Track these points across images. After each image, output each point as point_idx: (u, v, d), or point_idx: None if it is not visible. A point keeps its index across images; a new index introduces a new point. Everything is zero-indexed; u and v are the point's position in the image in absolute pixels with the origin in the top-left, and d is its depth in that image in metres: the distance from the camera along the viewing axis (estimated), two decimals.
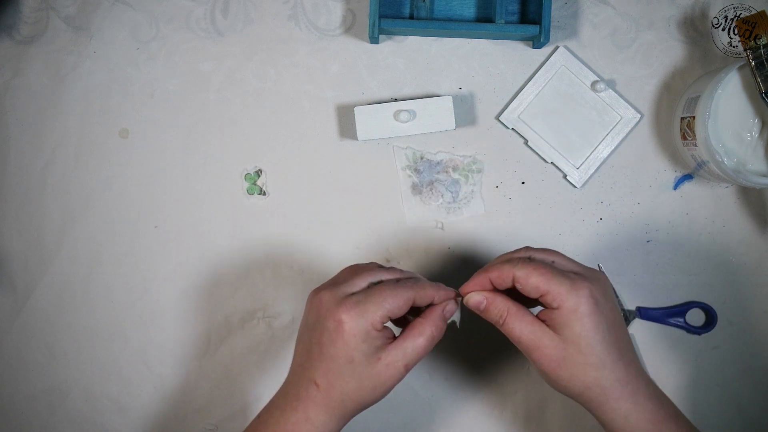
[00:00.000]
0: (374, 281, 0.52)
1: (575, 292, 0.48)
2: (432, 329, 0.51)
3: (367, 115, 0.63)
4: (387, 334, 0.51)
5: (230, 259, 0.66)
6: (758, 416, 0.67)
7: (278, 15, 0.65)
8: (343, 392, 0.50)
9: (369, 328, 0.49)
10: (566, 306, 0.48)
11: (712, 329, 0.66)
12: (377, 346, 0.50)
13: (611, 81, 0.66)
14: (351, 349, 0.49)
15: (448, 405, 0.67)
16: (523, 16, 0.65)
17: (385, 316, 0.50)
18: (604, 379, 0.49)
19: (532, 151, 0.66)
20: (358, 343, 0.49)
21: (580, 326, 0.48)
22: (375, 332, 0.49)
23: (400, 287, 0.51)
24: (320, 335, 0.50)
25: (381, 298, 0.50)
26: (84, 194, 0.66)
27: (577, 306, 0.48)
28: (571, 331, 0.48)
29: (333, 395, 0.50)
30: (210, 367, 0.66)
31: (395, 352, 0.50)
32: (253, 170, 0.66)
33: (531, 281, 0.49)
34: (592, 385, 0.49)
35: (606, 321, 0.49)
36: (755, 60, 0.58)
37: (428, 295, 0.52)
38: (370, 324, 0.49)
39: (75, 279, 0.66)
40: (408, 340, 0.51)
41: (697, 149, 0.61)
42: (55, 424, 0.66)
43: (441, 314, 0.52)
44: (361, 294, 0.50)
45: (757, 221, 0.66)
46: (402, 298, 0.50)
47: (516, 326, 0.50)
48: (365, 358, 0.49)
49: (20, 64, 0.65)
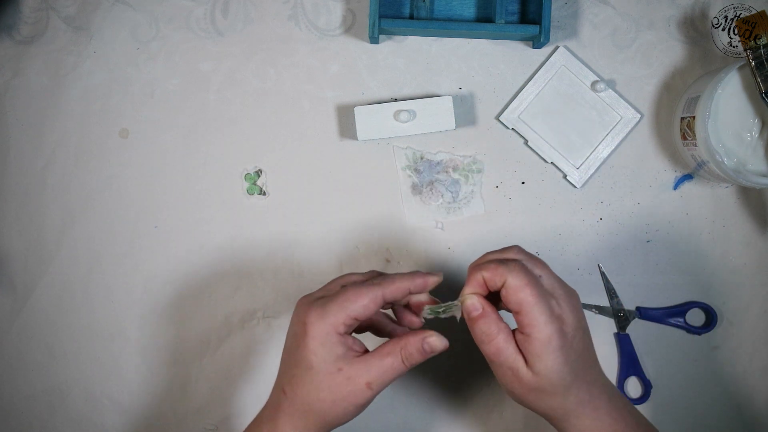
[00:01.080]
0: (346, 284, 0.50)
1: (551, 325, 0.47)
2: (404, 352, 0.48)
3: (367, 115, 0.63)
4: (353, 344, 0.49)
5: (230, 259, 0.66)
6: (758, 416, 0.67)
7: (278, 15, 0.65)
8: (305, 402, 0.48)
9: (330, 330, 0.47)
10: (538, 337, 0.47)
11: (712, 329, 0.66)
12: (338, 354, 0.47)
13: (611, 81, 0.66)
14: (310, 353, 0.47)
15: (448, 405, 0.67)
16: (523, 16, 0.65)
17: (349, 317, 0.48)
18: (568, 402, 0.49)
19: (532, 151, 0.66)
20: (317, 346, 0.47)
21: (552, 359, 0.47)
22: (336, 336, 0.47)
23: (364, 286, 0.48)
24: (290, 340, 0.50)
25: (343, 298, 0.48)
26: (84, 194, 0.66)
27: (549, 339, 0.47)
28: (543, 365, 0.47)
29: (297, 404, 0.49)
30: (210, 367, 0.66)
31: (358, 366, 0.48)
32: (253, 170, 0.66)
33: (519, 296, 0.47)
34: (557, 408, 0.49)
35: (575, 351, 0.48)
36: (755, 60, 0.58)
37: (400, 288, 0.50)
38: (331, 326, 0.47)
39: (75, 279, 0.66)
40: (375, 357, 0.48)
41: (697, 149, 0.61)
42: (55, 424, 0.66)
43: (419, 345, 0.49)
44: (328, 297, 0.49)
45: (757, 221, 0.66)
46: (366, 296, 0.48)
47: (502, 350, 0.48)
48: (324, 365, 0.47)
49: (20, 64, 0.65)
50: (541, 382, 0.48)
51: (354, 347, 0.49)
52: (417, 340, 0.49)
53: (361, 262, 0.66)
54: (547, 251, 0.66)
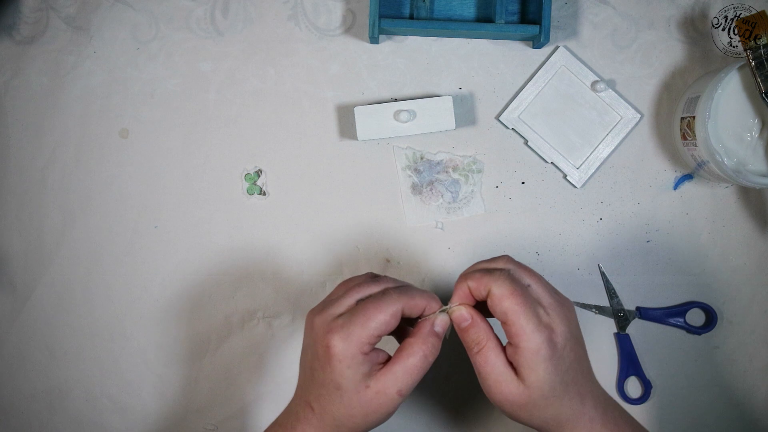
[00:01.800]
0: (362, 297, 0.50)
1: (539, 334, 0.47)
2: (423, 348, 0.49)
3: (367, 115, 0.63)
4: (377, 358, 0.49)
5: (230, 259, 0.66)
6: (758, 416, 0.67)
7: (278, 15, 0.65)
8: (335, 418, 0.48)
9: (355, 353, 0.47)
10: (527, 347, 0.47)
11: (712, 329, 0.66)
12: (364, 373, 0.47)
13: (611, 81, 0.66)
14: (338, 376, 0.47)
15: (447, 405, 0.67)
16: (523, 16, 0.65)
17: (373, 336, 0.47)
18: (562, 414, 0.49)
19: (532, 151, 0.66)
20: (344, 369, 0.47)
21: (543, 370, 0.47)
22: (361, 356, 0.47)
23: (384, 302, 0.48)
24: (312, 359, 0.49)
25: (365, 318, 0.47)
26: (84, 194, 0.66)
27: (538, 349, 0.47)
28: (535, 376, 0.47)
29: (326, 420, 0.49)
30: (210, 367, 0.66)
31: (385, 378, 0.48)
32: (253, 170, 0.66)
33: (504, 305, 0.47)
34: (551, 420, 0.49)
35: (566, 362, 0.48)
36: (755, 60, 0.58)
37: (418, 305, 0.49)
38: (356, 348, 0.47)
39: (75, 279, 0.66)
40: (398, 364, 0.48)
41: (697, 149, 0.61)
42: (55, 424, 0.66)
43: (431, 330, 0.49)
44: (347, 315, 0.48)
45: (757, 221, 0.66)
46: (387, 313, 0.48)
47: (490, 360, 0.48)
48: (353, 385, 0.47)
49: (20, 64, 0.65)
50: (532, 395, 0.47)
51: (378, 360, 0.49)
52: (429, 331, 0.49)
53: (361, 262, 0.66)
54: (547, 251, 0.66)
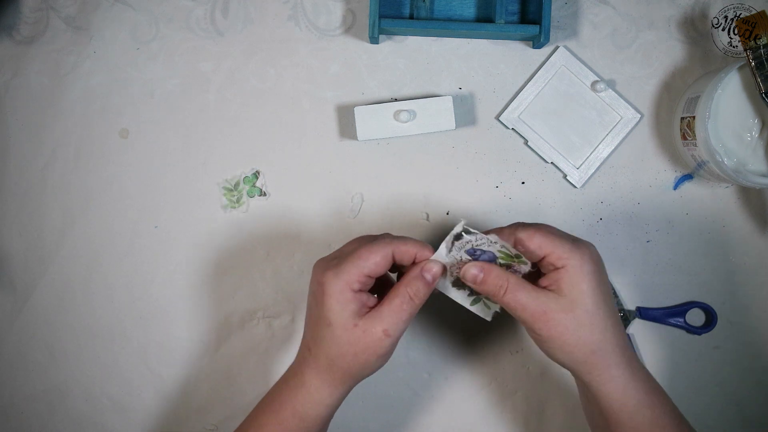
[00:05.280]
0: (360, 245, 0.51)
1: (578, 251, 0.48)
2: (408, 289, 0.50)
3: (367, 115, 0.63)
4: (367, 300, 0.50)
5: (230, 259, 0.66)
6: (758, 416, 0.67)
7: (278, 15, 0.65)
8: (328, 357, 0.50)
9: (344, 288, 0.49)
10: (572, 264, 0.48)
11: (712, 329, 0.66)
12: (353, 311, 0.49)
13: (611, 81, 0.66)
14: (327, 311, 0.49)
15: (447, 405, 0.67)
16: (523, 16, 0.65)
17: (362, 274, 0.49)
18: (607, 342, 0.49)
19: (532, 151, 0.66)
20: (333, 303, 0.49)
21: (586, 284, 0.48)
22: (350, 293, 0.49)
23: (376, 244, 0.50)
24: (310, 300, 0.52)
25: (356, 256, 0.50)
26: (84, 194, 0.66)
27: (582, 263, 0.48)
28: (578, 290, 0.48)
29: (320, 359, 0.51)
30: (210, 367, 0.66)
31: (372, 317, 0.49)
32: (251, 172, 0.66)
33: (535, 240, 0.49)
34: (597, 349, 0.49)
35: (605, 283, 0.50)
36: (755, 60, 0.58)
37: (409, 252, 0.51)
38: (345, 283, 0.49)
39: (75, 279, 0.66)
40: (385, 305, 0.50)
41: (697, 149, 0.61)
42: (55, 424, 0.66)
43: (418, 274, 0.50)
44: (343, 256, 0.50)
45: (757, 221, 0.66)
46: (378, 254, 0.50)
47: (520, 295, 0.49)
48: (341, 321, 0.49)
49: (20, 64, 0.65)
50: (577, 310, 0.48)
51: (368, 303, 0.51)
52: (416, 274, 0.50)
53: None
54: None
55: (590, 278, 0.48)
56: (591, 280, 0.48)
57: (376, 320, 0.49)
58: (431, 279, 0.51)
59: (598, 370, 0.49)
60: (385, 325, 0.49)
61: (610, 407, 0.50)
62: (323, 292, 0.50)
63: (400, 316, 0.50)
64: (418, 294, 0.50)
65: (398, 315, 0.50)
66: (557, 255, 0.48)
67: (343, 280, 0.49)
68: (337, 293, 0.49)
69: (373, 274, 0.50)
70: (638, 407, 0.49)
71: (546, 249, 0.49)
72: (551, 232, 0.50)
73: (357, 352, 0.49)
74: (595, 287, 0.48)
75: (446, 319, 0.66)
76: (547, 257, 0.49)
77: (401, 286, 0.50)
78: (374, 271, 0.50)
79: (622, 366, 0.49)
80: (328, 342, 0.50)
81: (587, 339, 0.48)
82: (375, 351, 0.50)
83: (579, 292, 0.48)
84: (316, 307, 0.51)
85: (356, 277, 0.49)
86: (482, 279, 0.50)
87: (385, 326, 0.49)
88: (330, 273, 0.49)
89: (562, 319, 0.48)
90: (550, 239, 0.49)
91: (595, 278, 0.48)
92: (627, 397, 0.49)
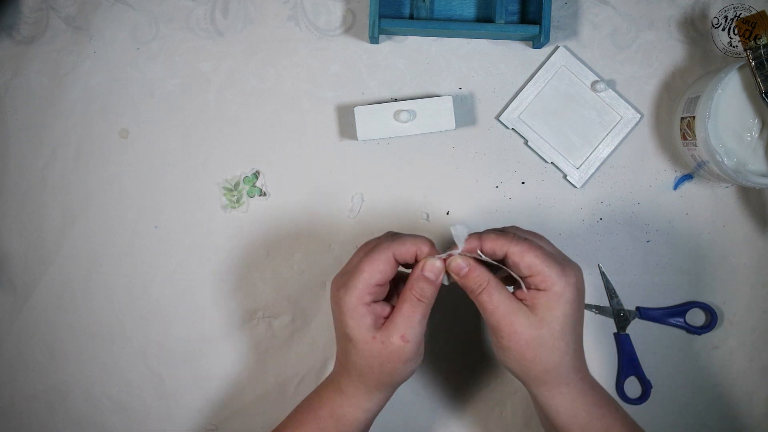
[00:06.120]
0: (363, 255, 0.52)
1: (565, 278, 0.49)
2: (413, 292, 0.50)
3: (367, 115, 0.63)
4: (381, 311, 0.51)
5: (230, 259, 0.66)
6: (758, 416, 0.67)
7: (278, 15, 0.65)
8: (357, 370, 0.51)
9: (356, 303, 0.49)
10: (554, 290, 0.48)
11: (712, 329, 0.66)
12: (369, 324, 0.50)
13: (611, 81, 0.66)
14: (346, 328, 0.50)
15: (448, 405, 0.67)
16: (523, 16, 0.65)
17: (370, 286, 0.49)
18: (564, 365, 0.50)
19: (532, 151, 0.66)
20: (348, 320, 0.50)
21: (561, 310, 0.48)
22: (363, 308, 0.49)
23: (375, 252, 0.50)
24: (334, 318, 0.53)
25: (359, 269, 0.50)
26: (84, 194, 0.66)
27: (563, 291, 0.48)
28: (551, 314, 0.48)
29: (351, 373, 0.52)
30: (210, 367, 0.66)
31: (387, 328, 0.50)
32: (251, 173, 0.66)
33: (526, 260, 0.49)
34: (552, 369, 0.50)
35: (579, 311, 0.50)
36: (755, 60, 0.58)
37: (409, 251, 0.51)
38: (356, 299, 0.49)
39: (75, 279, 0.66)
40: (396, 312, 0.50)
41: (697, 149, 0.61)
42: (55, 424, 0.66)
43: (419, 275, 0.50)
44: (349, 271, 0.51)
45: (757, 221, 0.66)
46: (379, 261, 0.50)
47: (495, 298, 0.49)
48: (361, 335, 0.50)
49: (20, 64, 0.65)
50: (542, 330, 0.48)
51: (383, 313, 0.51)
52: (418, 275, 0.50)
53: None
54: None
55: (566, 306, 0.49)
56: (567, 307, 0.49)
57: (392, 330, 0.50)
58: (434, 277, 0.50)
59: (548, 386, 0.51)
60: (401, 332, 0.50)
61: (559, 420, 0.51)
62: (340, 311, 0.50)
63: (413, 320, 0.50)
64: (424, 294, 0.50)
65: (411, 319, 0.50)
66: (543, 277, 0.49)
67: (354, 297, 0.49)
68: (351, 310, 0.49)
69: (381, 282, 0.50)
70: (589, 419, 0.50)
71: (534, 270, 0.49)
72: (543, 253, 0.49)
73: (382, 362, 0.50)
74: (569, 314, 0.49)
75: (447, 319, 0.66)
76: (533, 277, 0.49)
77: (407, 291, 0.51)
78: (381, 279, 0.50)
79: (572, 384, 0.51)
80: (354, 357, 0.51)
81: (545, 359, 0.49)
82: (399, 359, 0.50)
83: (552, 316, 0.49)
84: (337, 325, 0.52)
85: (365, 290, 0.49)
86: (466, 273, 0.50)
87: (401, 333, 0.50)
88: (342, 291, 0.50)
89: (525, 334, 0.49)
90: (541, 260, 0.49)
91: (572, 306, 0.49)
92: (576, 410, 0.50)
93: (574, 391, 0.51)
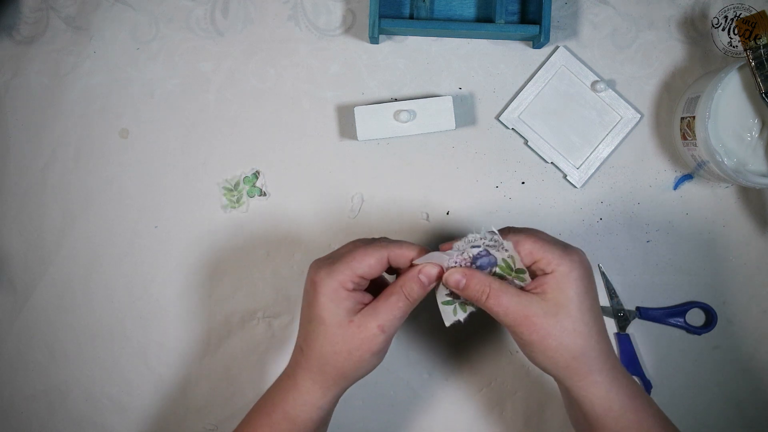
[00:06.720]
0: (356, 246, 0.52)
1: (568, 257, 0.48)
2: (404, 288, 0.50)
3: (367, 115, 0.63)
4: (362, 298, 0.51)
5: (230, 259, 0.66)
6: (758, 416, 0.67)
7: (278, 15, 0.65)
8: (320, 356, 0.50)
9: (337, 287, 0.49)
10: (560, 270, 0.48)
11: (712, 329, 0.66)
12: (348, 308, 0.49)
13: (611, 81, 0.66)
14: (321, 309, 0.49)
15: (448, 405, 0.67)
16: (523, 16, 0.65)
17: (355, 275, 0.50)
18: (590, 348, 0.49)
19: (532, 151, 0.66)
20: (327, 302, 0.49)
21: (572, 290, 0.48)
22: (344, 292, 0.49)
23: (372, 247, 0.51)
24: (304, 300, 0.52)
25: (350, 257, 0.50)
26: (84, 194, 0.66)
27: (570, 270, 0.48)
28: (564, 295, 0.48)
29: (313, 359, 0.51)
30: (210, 367, 0.66)
31: (367, 313, 0.50)
32: (251, 173, 0.66)
33: (525, 246, 0.49)
34: (579, 355, 0.48)
35: (593, 290, 0.50)
36: (755, 60, 0.58)
37: (405, 255, 0.51)
38: (338, 283, 0.49)
39: (75, 279, 0.66)
40: (380, 301, 0.50)
41: (697, 149, 0.61)
42: (55, 424, 0.66)
43: (413, 275, 0.50)
44: (337, 256, 0.51)
45: (757, 221, 0.66)
46: (373, 256, 0.50)
47: (502, 300, 0.49)
48: (336, 318, 0.49)
49: (20, 64, 0.65)
50: (560, 314, 0.47)
51: (363, 300, 0.51)
52: (413, 275, 0.50)
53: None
54: None
55: (577, 284, 0.48)
56: (578, 286, 0.48)
57: (371, 315, 0.50)
58: (427, 281, 0.50)
59: (579, 375, 0.49)
60: (380, 321, 0.49)
61: (593, 412, 0.50)
62: (316, 291, 0.50)
63: (395, 313, 0.50)
64: (412, 294, 0.50)
65: (393, 311, 0.50)
66: (547, 260, 0.48)
67: (336, 280, 0.49)
68: (331, 292, 0.49)
69: (367, 275, 0.50)
70: (623, 411, 0.49)
71: (536, 255, 0.49)
72: (541, 238, 0.49)
73: (351, 349, 0.50)
74: (582, 293, 0.48)
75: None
76: (536, 263, 0.49)
77: (397, 285, 0.51)
78: (368, 273, 0.50)
79: (604, 372, 0.49)
80: (321, 341, 0.50)
81: (569, 344, 0.48)
82: (369, 347, 0.50)
83: (564, 297, 0.48)
84: (309, 307, 0.51)
85: (350, 277, 0.50)
86: (465, 284, 0.50)
87: (380, 321, 0.49)
88: (323, 272, 0.50)
89: (544, 324, 0.48)
90: (540, 245, 0.49)
91: (583, 284, 0.48)
92: (610, 402, 0.49)
93: (607, 380, 0.49)
